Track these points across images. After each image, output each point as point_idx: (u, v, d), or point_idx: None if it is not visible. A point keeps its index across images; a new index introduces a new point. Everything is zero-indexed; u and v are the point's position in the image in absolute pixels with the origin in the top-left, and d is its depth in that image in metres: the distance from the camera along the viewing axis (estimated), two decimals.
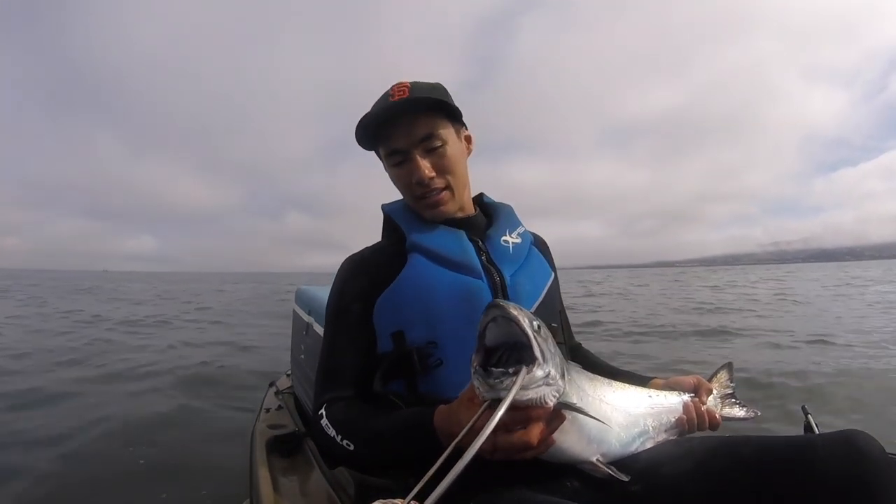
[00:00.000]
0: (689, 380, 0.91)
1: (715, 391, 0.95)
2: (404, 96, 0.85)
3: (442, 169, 0.88)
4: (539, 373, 0.58)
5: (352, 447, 0.76)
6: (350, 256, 0.94)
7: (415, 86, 0.87)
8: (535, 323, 0.61)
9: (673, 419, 0.85)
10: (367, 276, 0.88)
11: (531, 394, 0.58)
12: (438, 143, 0.87)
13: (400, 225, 0.91)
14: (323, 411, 0.81)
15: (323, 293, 1.74)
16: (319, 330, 1.57)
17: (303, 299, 1.86)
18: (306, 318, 1.74)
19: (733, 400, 0.99)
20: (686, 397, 0.88)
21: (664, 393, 0.87)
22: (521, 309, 0.60)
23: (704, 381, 0.93)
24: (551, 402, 0.60)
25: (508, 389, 0.55)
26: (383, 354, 0.83)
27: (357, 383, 0.83)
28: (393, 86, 0.88)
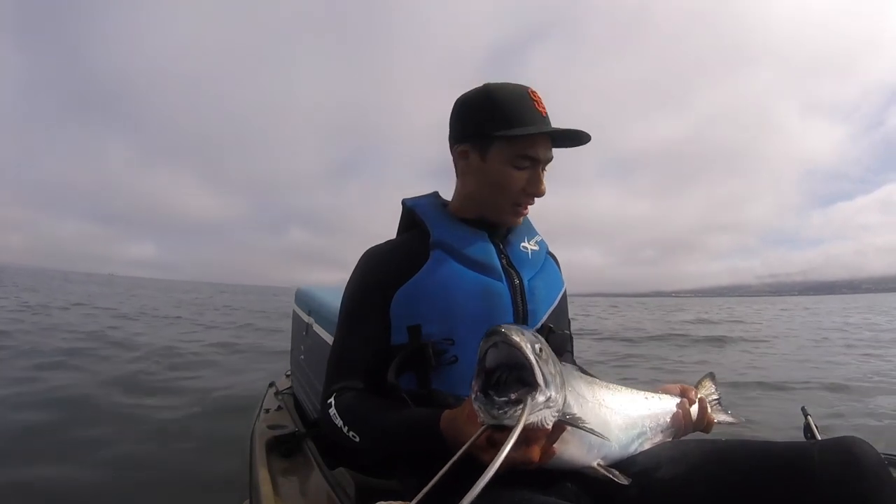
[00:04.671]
0: (675, 388, 0.94)
1: (702, 397, 0.98)
2: (546, 115, 0.87)
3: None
4: (540, 398, 0.58)
5: (357, 439, 0.77)
6: (370, 249, 0.94)
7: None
8: (536, 346, 0.60)
9: (668, 420, 0.86)
10: (387, 268, 0.88)
11: (532, 418, 0.57)
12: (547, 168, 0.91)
13: (425, 221, 0.92)
14: (332, 400, 0.81)
15: (322, 293, 1.73)
16: (319, 330, 1.56)
17: (303, 299, 1.85)
18: (306, 318, 1.73)
19: (719, 406, 1.03)
20: (678, 400, 0.90)
21: (657, 395, 0.89)
22: (522, 333, 0.59)
23: (690, 387, 0.96)
24: (550, 424, 0.60)
25: (513, 418, 0.55)
26: (397, 346, 0.84)
27: (368, 375, 0.84)
28: (535, 93, 0.87)
